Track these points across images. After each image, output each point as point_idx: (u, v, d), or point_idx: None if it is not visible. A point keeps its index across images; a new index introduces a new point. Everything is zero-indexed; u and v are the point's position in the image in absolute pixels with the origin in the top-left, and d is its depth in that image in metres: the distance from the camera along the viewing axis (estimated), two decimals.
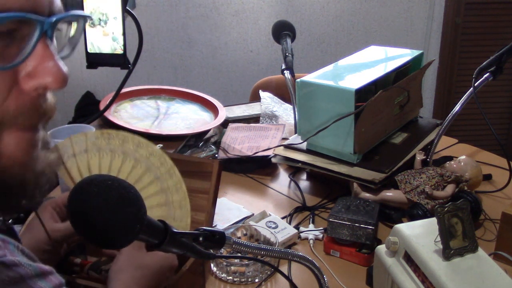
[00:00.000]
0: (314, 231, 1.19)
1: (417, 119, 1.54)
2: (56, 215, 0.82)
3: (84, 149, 0.90)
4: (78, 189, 0.58)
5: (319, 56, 3.34)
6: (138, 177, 0.90)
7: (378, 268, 0.90)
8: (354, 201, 1.19)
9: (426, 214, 1.15)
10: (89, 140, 0.91)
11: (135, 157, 0.90)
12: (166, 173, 0.90)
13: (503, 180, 1.36)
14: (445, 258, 0.78)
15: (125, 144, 0.91)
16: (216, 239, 0.68)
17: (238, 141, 1.57)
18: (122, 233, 0.58)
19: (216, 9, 3.22)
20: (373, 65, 1.43)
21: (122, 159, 0.90)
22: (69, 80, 0.76)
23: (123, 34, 1.28)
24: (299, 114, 1.38)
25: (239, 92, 3.37)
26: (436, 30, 3.28)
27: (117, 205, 0.57)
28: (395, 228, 0.86)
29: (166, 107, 1.69)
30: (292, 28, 1.75)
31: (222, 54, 3.33)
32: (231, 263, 1.04)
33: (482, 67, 1.34)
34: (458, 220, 0.79)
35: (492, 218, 1.21)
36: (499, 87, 3.23)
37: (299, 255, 0.75)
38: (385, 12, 3.26)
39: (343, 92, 1.24)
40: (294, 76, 1.60)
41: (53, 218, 0.81)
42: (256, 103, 1.88)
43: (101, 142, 0.91)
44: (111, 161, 0.90)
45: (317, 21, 3.27)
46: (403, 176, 1.25)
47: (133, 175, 0.89)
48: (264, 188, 1.44)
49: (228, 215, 1.25)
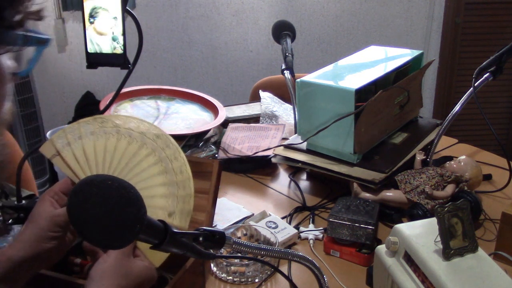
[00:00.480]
0: (314, 231, 1.19)
1: (417, 119, 1.54)
2: (55, 203, 0.82)
3: (78, 136, 0.90)
4: (78, 189, 0.58)
5: (319, 56, 3.34)
6: (135, 151, 0.89)
7: (378, 268, 0.90)
8: (354, 201, 1.19)
9: (426, 214, 1.15)
10: (82, 127, 0.91)
11: (130, 134, 0.90)
12: (163, 147, 0.90)
13: (503, 180, 1.36)
14: (445, 258, 0.78)
15: (118, 123, 0.91)
16: (216, 239, 0.68)
17: (238, 141, 1.57)
18: (122, 233, 0.58)
19: (216, 9, 3.22)
20: (373, 65, 1.43)
21: (117, 138, 0.90)
22: (69, 80, 0.75)
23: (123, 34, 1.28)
24: (299, 114, 1.38)
25: (239, 92, 3.37)
26: (436, 30, 3.29)
27: (117, 205, 0.57)
28: (395, 228, 0.86)
29: (166, 107, 1.69)
30: (292, 28, 1.75)
31: (222, 54, 3.33)
32: (231, 263, 1.04)
33: (482, 67, 1.34)
34: (458, 220, 0.79)
35: (492, 218, 1.21)
36: (499, 87, 3.23)
37: (299, 255, 0.75)
38: (385, 12, 3.26)
39: (343, 92, 1.24)
40: (294, 76, 1.60)
41: (53, 205, 0.81)
42: (256, 103, 1.88)
43: (94, 127, 0.91)
44: (106, 141, 0.90)
45: (317, 21, 3.27)
46: (403, 176, 1.25)
47: (130, 150, 0.89)
48: (264, 188, 1.44)
49: (228, 215, 1.25)
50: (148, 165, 0.89)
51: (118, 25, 1.28)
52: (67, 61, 3.19)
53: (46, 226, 0.78)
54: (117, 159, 0.88)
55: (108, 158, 0.88)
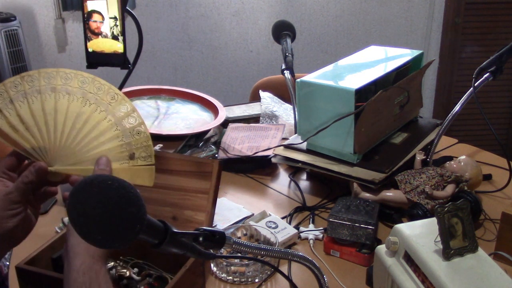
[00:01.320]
0: (314, 231, 1.19)
1: (417, 119, 1.54)
2: (6, 181, 0.78)
3: (8, 100, 0.81)
4: (78, 189, 0.58)
5: (319, 56, 3.34)
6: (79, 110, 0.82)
7: (378, 268, 0.90)
8: (354, 201, 1.19)
9: (426, 214, 1.15)
10: (11, 90, 0.82)
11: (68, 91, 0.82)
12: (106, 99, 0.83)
13: (503, 180, 1.36)
14: (445, 258, 0.78)
15: (52, 80, 0.83)
16: (216, 239, 0.68)
17: (238, 141, 1.57)
18: (122, 233, 0.58)
19: (216, 9, 3.22)
20: (373, 65, 1.43)
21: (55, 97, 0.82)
22: None
23: (123, 34, 1.28)
24: (299, 114, 1.38)
25: (239, 92, 3.37)
26: (436, 30, 3.29)
27: (117, 205, 0.57)
28: (395, 228, 0.86)
29: (166, 107, 1.69)
30: (292, 28, 1.75)
31: (222, 54, 3.33)
32: (231, 263, 1.04)
33: (482, 67, 1.34)
34: (458, 220, 0.79)
35: (492, 218, 1.21)
36: (499, 87, 3.23)
37: (299, 255, 0.75)
38: (385, 12, 3.26)
39: (343, 92, 1.24)
40: (294, 76, 1.60)
41: (4, 184, 0.79)
42: (256, 103, 1.88)
43: (24, 87, 0.82)
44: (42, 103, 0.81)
45: (317, 21, 3.27)
46: (403, 176, 1.25)
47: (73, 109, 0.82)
48: (264, 188, 1.44)
49: (228, 215, 1.25)
50: (96, 122, 0.82)
51: (118, 25, 1.28)
52: (67, 61, 3.19)
53: (2, 205, 0.75)
54: (61, 122, 0.81)
55: (50, 121, 0.81)
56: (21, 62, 2.69)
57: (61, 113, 0.81)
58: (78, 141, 0.81)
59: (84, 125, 0.82)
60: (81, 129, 0.82)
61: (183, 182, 1.10)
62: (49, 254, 0.99)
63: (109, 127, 0.83)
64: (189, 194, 1.10)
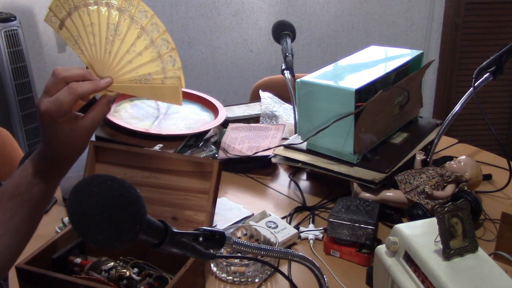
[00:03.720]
0: (314, 231, 1.19)
1: (417, 119, 1.54)
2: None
3: (73, 6, 0.80)
4: (79, 189, 0.58)
5: (319, 56, 3.34)
6: (126, 28, 0.83)
7: (378, 268, 0.90)
8: (354, 201, 1.19)
9: (426, 214, 1.15)
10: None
11: (109, 5, 0.81)
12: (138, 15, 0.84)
13: (503, 180, 1.36)
14: (445, 258, 0.78)
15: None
16: (216, 239, 0.68)
17: (238, 141, 1.57)
18: (122, 233, 0.58)
19: (216, 9, 3.22)
20: (373, 65, 1.43)
21: (103, 11, 0.81)
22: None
23: None
24: (299, 114, 1.38)
25: (239, 92, 3.37)
26: (436, 30, 3.29)
27: (117, 205, 0.57)
28: (395, 228, 0.86)
29: (166, 107, 1.69)
30: (292, 28, 1.75)
31: (222, 54, 3.33)
32: (231, 263, 1.04)
33: (482, 67, 1.34)
34: (458, 220, 0.79)
35: (492, 218, 1.21)
36: (499, 87, 3.23)
37: (299, 255, 0.75)
38: (385, 12, 3.26)
39: (343, 92, 1.24)
40: (294, 76, 1.60)
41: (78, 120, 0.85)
42: (256, 103, 1.88)
43: None
44: (98, 14, 0.81)
45: (317, 21, 3.27)
46: (403, 176, 1.25)
47: (123, 26, 0.82)
48: (264, 188, 1.44)
49: (228, 215, 1.25)
50: (135, 38, 0.84)
51: None
52: (67, 61, 3.19)
53: (86, 134, 0.84)
54: (110, 35, 0.82)
55: (103, 33, 0.81)
56: (21, 62, 2.68)
57: (107, 27, 0.82)
58: (121, 58, 0.83)
59: (126, 45, 0.84)
60: (121, 46, 0.83)
61: (183, 182, 1.10)
62: (49, 254, 0.99)
63: (146, 46, 0.87)
64: (189, 194, 1.10)
